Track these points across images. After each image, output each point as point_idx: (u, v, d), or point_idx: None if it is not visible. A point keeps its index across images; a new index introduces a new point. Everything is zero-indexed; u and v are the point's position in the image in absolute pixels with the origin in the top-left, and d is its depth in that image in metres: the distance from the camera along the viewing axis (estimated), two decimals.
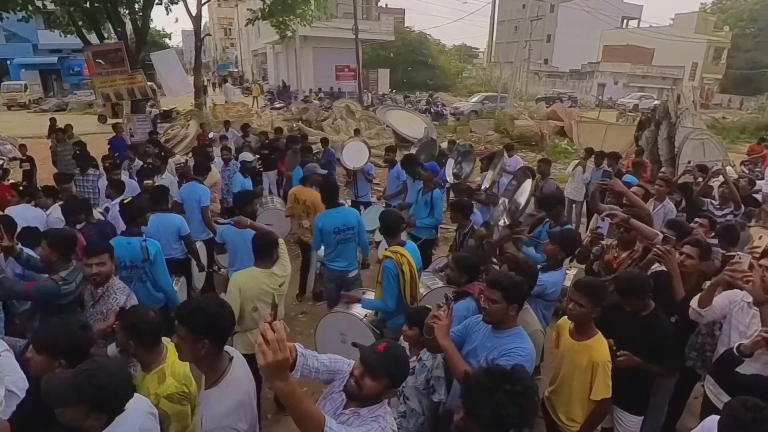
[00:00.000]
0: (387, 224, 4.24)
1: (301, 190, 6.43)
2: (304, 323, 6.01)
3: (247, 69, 57.74)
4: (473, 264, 3.72)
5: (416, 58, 46.05)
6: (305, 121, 17.63)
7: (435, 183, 6.50)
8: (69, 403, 1.97)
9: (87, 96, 33.08)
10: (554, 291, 3.91)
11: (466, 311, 3.45)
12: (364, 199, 8.50)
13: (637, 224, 4.07)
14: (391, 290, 3.99)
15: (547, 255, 4.06)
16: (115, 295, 3.45)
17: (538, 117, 21.79)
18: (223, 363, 2.34)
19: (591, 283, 3.06)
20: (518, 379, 1.95)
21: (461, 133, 20.26)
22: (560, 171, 15.50)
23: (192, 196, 6.24)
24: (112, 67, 11.91)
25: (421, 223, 6.25)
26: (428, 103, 28.61)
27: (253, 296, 3.83)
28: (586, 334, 3.03)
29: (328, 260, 5.26)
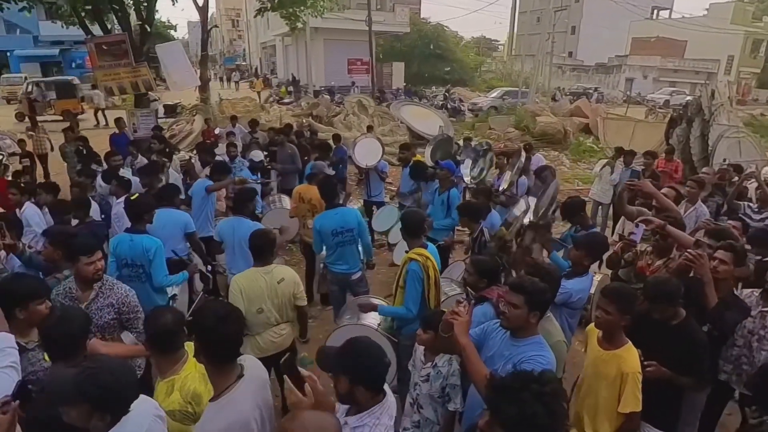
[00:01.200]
0: (410, 224, 4.19)
1: (306, 188, 6.45)
2: (312, 328, 6.02)
3: (255, 62, 58.11)
4: (492, 268, 3.70)
5: (433, 51, 45.93)
6: (315, 117, 17.72)
7: (451, 182, 6.48)
8: (71, 402, 1.99)
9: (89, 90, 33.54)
10: (580, 299, 3.87)
11: (484, 317, 3.44)
12: (377, 198, 8.52)
13: (674, 231, 4.00)
14: (415, 295, 3.94)
15: (571, 261, 4.02)
16: (118, 285, 3.55)
17: (562, 113, 21.64)
18: (227, 379, 2.35)
19: (619, 290, 3.04)
20: (546, 380, 1.92)
21: (480, 130, 20.22)
22: (585, 171, 15.40)
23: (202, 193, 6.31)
24: (115, 59, 12.05)
25: (439, 225, 6.22)
26: (445, 99, 28.58)
27: (256, 298, 3.87)
28: (615, 343, 3.00)
29: (329, 262, 5.28)
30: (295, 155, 9.10)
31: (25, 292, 2.85)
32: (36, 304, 2.85)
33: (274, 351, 3.98)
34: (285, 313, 4.06)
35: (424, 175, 5.93)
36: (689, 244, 3.91)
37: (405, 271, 4.01)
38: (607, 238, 4.81)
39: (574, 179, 14.17)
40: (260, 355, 3.71)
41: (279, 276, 3.99)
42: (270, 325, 3.99)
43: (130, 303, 3.52)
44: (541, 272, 3.25)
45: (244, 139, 10.93)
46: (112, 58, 12.05)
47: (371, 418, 2.24)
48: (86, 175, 6.97)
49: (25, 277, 3.15)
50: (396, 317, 4.16)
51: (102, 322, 3.47)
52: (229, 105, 19.67)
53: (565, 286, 3.62)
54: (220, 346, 2.33)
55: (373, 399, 2.27)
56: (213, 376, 2.38)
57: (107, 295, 3.51)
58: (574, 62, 55.43)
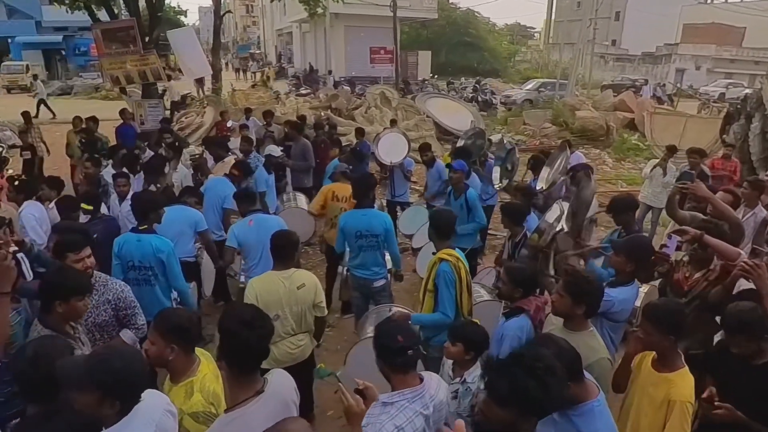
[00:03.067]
0: (440, 224, 4.18)
1: (339, 186, 6.45)
2: (330, 337, 6.06)
3: (270, 50, 58.61)
4: (529, 277, 3.68)
5: (462, 39, 45.83)
6: (334, 110, 17.80)
7: (465, 184, 6.43)
8: (81, 387, 2.10)
9: (93, 79, 34.23)
10: (623, 310, 3.81)
11: (520, 330, 3.43)
12: (402, 198, 8.51)
13: (713, 242, 3.78)
14: (450, 298, 3.93)
15: (614, 268, 3.97)
16: (111, 280, 3.67)
17: (604, 107, 21.40)
18: (244, 391, 2.38)
19: (660, 308, 2.94)
20: (540, 357, 2.05)
21: (513, 126, 20.11)
22: (630, 171, 15.21)
23: (217, 193, 6.36)
24: (122, 46, 12.22)
25: (463, 231, 6.15)
26: (475, 91, 28.44)
27: (273, 303, 3.89)
28: (669, 366, 2.92)
29: (351, 266, 5.32)
30: (307, 151, 9.13)
31: (71, 287, 3.00)
32: (76, 300, 3.00)
33: (291, 363, 4.01)
34: (303, 322, 4.08)
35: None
36: (734, 256, 3.69)
37: (435, 273, 4.00)
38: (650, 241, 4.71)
39: (618, 180, 13.99)
40: (275, 366, 3.74)
41: (299, 281, 4.00)
42: (287, 334, 4.01)
43: (126, 298, 3.65)
44: (581, 280, 3.22)
45: (258, 132, 11.03)
46: (119, 45, 12.19)
47: (402, 399, 2.51)
48: (94, 165, 7.09)
49: (71, 271, 3.27)
50: (432, 326, 4.11)
51: (100, 320, 3.56)
52: (243, 96, 19.86)
53: (608, 294, 3.57)
54: (239, 354, 2.37)
55: (403, 381, 2.57)
56: (230, 386, 2.43)
57: (101, 291, 3.60)
58: (618, 51, 54.76)
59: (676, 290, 4.12)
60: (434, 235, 4.24)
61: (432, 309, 4.05)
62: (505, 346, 3.43)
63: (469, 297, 4.04)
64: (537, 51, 57.96)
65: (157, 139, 8.93)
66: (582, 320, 3.17)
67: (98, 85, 32.33)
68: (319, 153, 9.50)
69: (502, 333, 3.51)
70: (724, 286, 3.71)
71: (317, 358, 4.77)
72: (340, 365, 4.49)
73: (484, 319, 3.87)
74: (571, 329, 3.14)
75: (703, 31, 48.53)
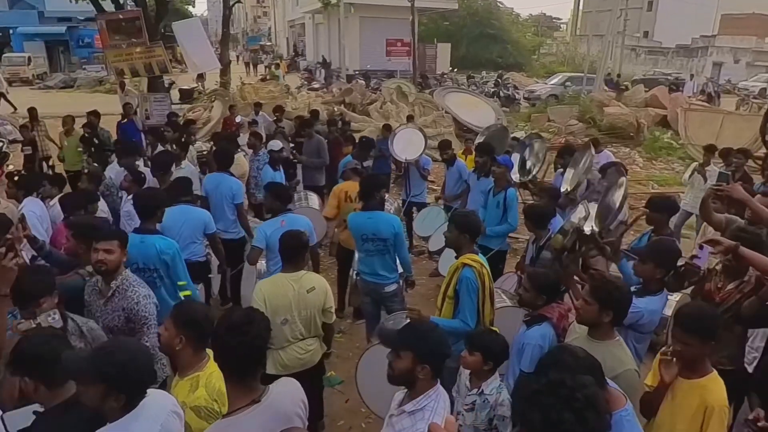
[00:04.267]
0: (467, 228, 4.14)
1: (350, 185, 6.45)
2: (341, 344, 6.08)
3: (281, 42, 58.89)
4: (553, 282, 3.67)
5: (484, 31, 45.70)
6: (348, 105, 17.84)
7: (508, 181, 6.43)
8: (86, 379, 2.20)
9: (97, 72, 34.64)
10: (651, 321, 3.77)
11: (542, 339, 3.42)
12: (418, 199, 8.50)
13: (749, 254, 3.62)
14: (472, 306, 3.92)
15: (641, 276, 3.90)
16: (134, 287, 3.63)
17: (635, 103, 21.21)
18: (239, 399, 2.41)
19: (696, 315, 2.90)
20: (580, 386, 1.88)
21: (536, 122, 20.01)
22: (662, 171, 15.08)
23: (222, 191, 6.38)
24: (128, 38, 12.36)
25: (492, 231, 6.17)
26: (496, 85, 28.39)
27: (282, 307, 3.92)
28: (699, 372, 2.91)
29: (361, 270, 5.33)
30: (321, 148, 9.16)
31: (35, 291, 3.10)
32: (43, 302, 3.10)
33: (300, 368, 4.03)
34: (312, 326, 4.10)
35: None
36: None
37: (456, 279, 3.98)
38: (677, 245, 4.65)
39: (649, 181, 13.86)
40: (283, 372, 3.78)
41: (309, 284, 4.02)
42: (295, 339, 4.04)
43: (138, 312, 3.59)
44: (609, 287, 3.19)
45: (268, 128, 11.09)
46: (124, 36, 12.33)
47: (429, 401, 2.57)
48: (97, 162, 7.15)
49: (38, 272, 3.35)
50: (449, 332, 4.09)
51: (111, 325, 3.60)
52: (252, 90, 19.99)
53: (635, 305, 3.53)
54: (229, 360, 2.41)
55: (430, 382, 2.61)
56: (228, 391, 2.48)
57: (119, 297, 3.62)
58: (650, 44, 54.25)
59: (708, 302, 4.06)
60: (458, 239, 4.15)
61: (450, 317, 4.03)
62: (525, 356, 3.42)
63: (491, 306, 4.02)
64: (563, 43, 57.67)
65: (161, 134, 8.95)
66: (608, 329, 3.14)
67: (102, 78, 32.71)
68: (331, 150, 9.50)
69: (523, 342, 3.50)
70: (759, 297, 3.65)
71: (327, 365, 4.80)
72: (351, 372, 4.51)
73: (504, 327, 3.87)
74: (597, 338, 3.12)
75: (743, 22, 47.93)
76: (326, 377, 4.68)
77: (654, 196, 5.30)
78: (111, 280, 3.63)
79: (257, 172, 8.24)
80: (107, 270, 3.59)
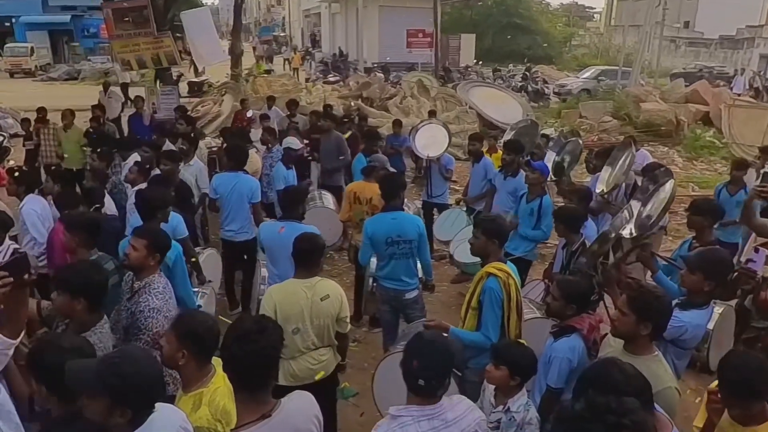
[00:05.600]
0: (498, 234, 4.09)
1: (363, 186, 6.46)
2: (356, 353, 6.07)
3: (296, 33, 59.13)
4: (583, 291, 3.63)
5: (511, 21, 45.51)
6: (366, 99, 17.85)
7: (543, 188, 6.38)
8: (90, 392, 2.17)
9: (103, 63, 35.07)
10: (694, 337, 3.70)
11: (571, 352, 3.38)
12: (439, 200, 8.46)
13: None
14: (495, 319, 3.89)
15: (687, 288, 3.81)
16: (149, 295, 3.65)
17: (674, 98, 20.97)
18: (248, 413, 2.41)
19: (740, 373, 2.64)
20: (627, 411, 1.84)
21: (567, 119, 19.87)
22: (703, 172, 14.88)
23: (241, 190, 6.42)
24: (135, 28, 12.47)
25: (525, 233, 6.19)
26: (524, 79, 28.23)
27: (293, 315, 3.91)
28: (756, 419, 2.68)
29: (380, 276, 5.30)
30: (341, 144, 9.15)
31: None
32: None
33: (311, 380, 4.03)
34: (326, 336, 4.09)
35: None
36: None
37: (480, 289, 3.95)
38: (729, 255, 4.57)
39: (689, 183, 13.69)
40: (294, 384, 3.77)
41: (323, 291, 4.01)
42: (307, 349, 4.04)
43: (136, 321, 3.61)
44: (648, 297, 3.13)
45: (281, 123, 11.13)
46: (131, 26, 12.45)
47: (407, 416, 2.57)
48: (102, 159, 7.23)
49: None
50: (470, 344, 4.06)
51: (126, 324, 3.67)
52: (264, 83, 20.09)
53: (679, 318, 3.47)
54: (238, 371, 2.40)
55: (414, 399, 2.60)
56: (237, 405, 2.48)
57: (137, 299, 3.66)
58: (691, 34, 53.67)
59: (763, 312, 3.99)
60: (486, 245, 4.09)
61: (474, 329, 4.01)
62: (552, 370, 3.39)
63: (519, 318, 3.97)
64: (596, 34, 57.25)
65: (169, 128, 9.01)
66: (646, 343, 3.08)
67: (108, 69, 33.10)
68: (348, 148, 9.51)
69: (550, 355, 3.46)
70: None
71: (341, 377, 4.79)
72: (366, 384, 4.50)
73: (531, 339, 3.84)
74: (633, 353, 3.05)
75: None
76: (340, 389, 4.68)
77: (697, 199, 5.21)
78: (138, 278, 3.75)
79: (270, 170, 8.26)
80: (129, 265, 3.77)
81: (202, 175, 7.44)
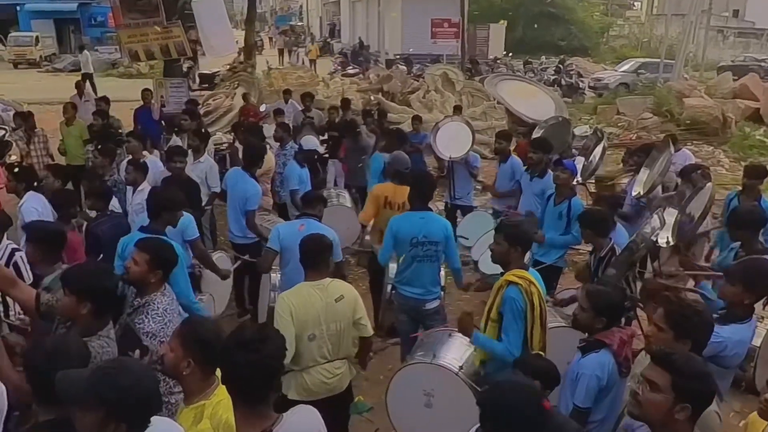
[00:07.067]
0: (516, 240, 4.09)
1: (393, 189, 6.31)
2: (371, 365, 6.03)
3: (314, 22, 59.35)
4: (615, 303, 3.59)
5: (544, 10, 45.32)
6: (386, 93, 17.83)
7: (572, 189, 6.36)
8: (82, 404, 2.17)
9: (110, 53, 35.50)
10: (736, 354, 3.65)
11: (600, 369, 3.36)
12: (464, 202, 8.47)
13: None
14: (517, 332, 3.86)
15: (727, 299, 3.79)
16: (146, 318, 3.62)
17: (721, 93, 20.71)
18: (249, 427, 2.42)
19: None
20: None
21: (604, 115, 19.73)
22: None
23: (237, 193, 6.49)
24: (143, 17, 12.58)
25: (553, 241, 6.16)
26: (557, 72, 28.07)
27: (311, 321, 3.92)
28: None
29: (398, 282, 5.30)
30: (368, 149, 9.13)
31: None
32: None
33: (326, 394, 4.04)
34: (342, 344, 4.10)
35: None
36: None
37: (500, 300, 3.93)
38: None
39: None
40: (306, 398, 3.77)
41: (336, 292, 4.03)
42: (323, 359, 4.04)
43: (135, 328, 3.61)
44: (687, 312, 3.09)
45: (296, 118, 11.17)
46: (139, 15, 12.54)
47: None
48: (104, 155, 7.32)
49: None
50: (492, 354, 4.06)
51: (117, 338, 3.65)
52: (279, 76, 20.21)
53: (718, 333, 3.42)
54: (235, 382, 2.41)
55: None
56: (236, 419, 2.48)
57: (134, 319, 3.65)
58: (740, 24, 52.96)
59: None
60: (507, 252, 4.07)
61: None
62: (580, 389, 3.37)
63: (542, 330, 3.93)
64: (637, 24, 56.66)
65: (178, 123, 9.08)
66: None
67: (115, 60, 33.50)
68: None
69: (577, 372, 3.44)
70: None
71: (355, 390, 4.79)
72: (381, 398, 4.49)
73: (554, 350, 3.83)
74: None
75: None
76: (354, 403, 4.67)
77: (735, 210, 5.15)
78: (140, 295, 3.73)
79: (283, 168, 8.26)
80: (129, 279, 3.74)
81: (213, 173, 7.46)
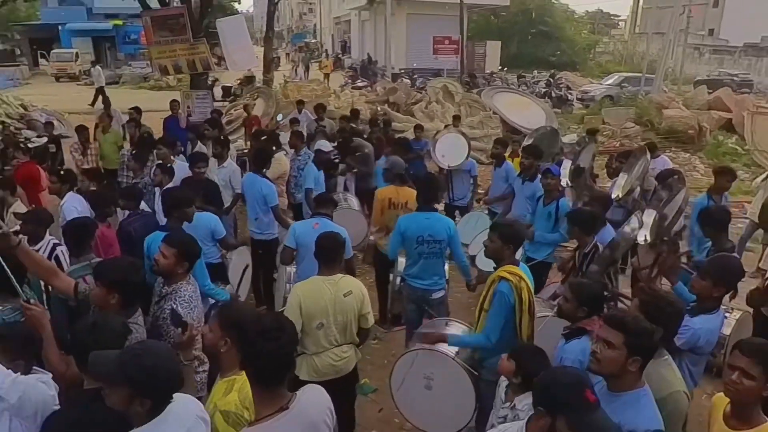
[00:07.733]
0: (509, 238, 4.09)
1: (395, 191, 6.40)
2: (376, 350, 6.09)
3: (326, 40, 59.50)
4: (596, 294, 3.59)
5: (536, 28, 45.29)
6: (392, 104, 17.88)
7: (559, 191, 6.38)
8: (112, 381, 2.27)
9: (143, 68, 35.69)
10: (708, 342, 3.65)
11: (582, 354, 3.34)
12: (461, 203, 8.52)
13: None
14: (497, 321, 3.89)
15: (697, 293, 3.80)
16: (174, 303, 3.64)
17: (697, 105, 20.64)
18: (267, 406, 2.43)
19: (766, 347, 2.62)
20: None
21: (590, 125, 19.64)
22: None
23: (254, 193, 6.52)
24: (172, 35, 12.68)
25: (543, 238, 6.18)
26: (548, 85, 28.05)
27: (319, 312, 3.95)
28: (749, 422, 2.60)
29: (408, 275, 5.33)
30: (370, 158, 9.15)
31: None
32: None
33: (334, 376, 4.06)
34: (348, 332, 4.12)
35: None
36: None
37: (492, 292, 3.95)
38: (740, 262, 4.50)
39: None
40: (316, 379, 3.80)
41: (346, 288, 4.06)
42: (330, 345, 4.07)
43: (159, 327, 3.65)
44: (661, 303, 3.10)
45: (309, 127, 11.22)
46: (168, 33, 12.65)
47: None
48: (137, 160, 7.38)
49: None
50: (471, 348, 4.14)
51: (147, 327, 3.69)
52: (295, 89, 20.28)
53: (690, 325, 3.43)
54: (256, 366, 2.42)
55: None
56: (254, 399, 2.51)
57: (162, 306, 3.69)
58: (716, 42, 52.72)
59: None
60: (500, 249, 4.07)
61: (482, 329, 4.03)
62: None
63: (530, 320, 3.94)
64: (621, 41, 56.57)
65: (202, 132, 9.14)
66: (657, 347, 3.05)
67: (147, 74, 33.63)
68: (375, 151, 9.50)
69: (561, 357, 3.45)
70: None
71: (361, 373, 4.81)
72: (385, 381, 4.52)
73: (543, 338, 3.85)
74: None
75: None
76: (359, 385, 4.70)
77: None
78: (167, 284, 3.77)
79: (298, 172, 8.34)
80: (157, 270, 3.79)
81: (236, 176, 7.51)
